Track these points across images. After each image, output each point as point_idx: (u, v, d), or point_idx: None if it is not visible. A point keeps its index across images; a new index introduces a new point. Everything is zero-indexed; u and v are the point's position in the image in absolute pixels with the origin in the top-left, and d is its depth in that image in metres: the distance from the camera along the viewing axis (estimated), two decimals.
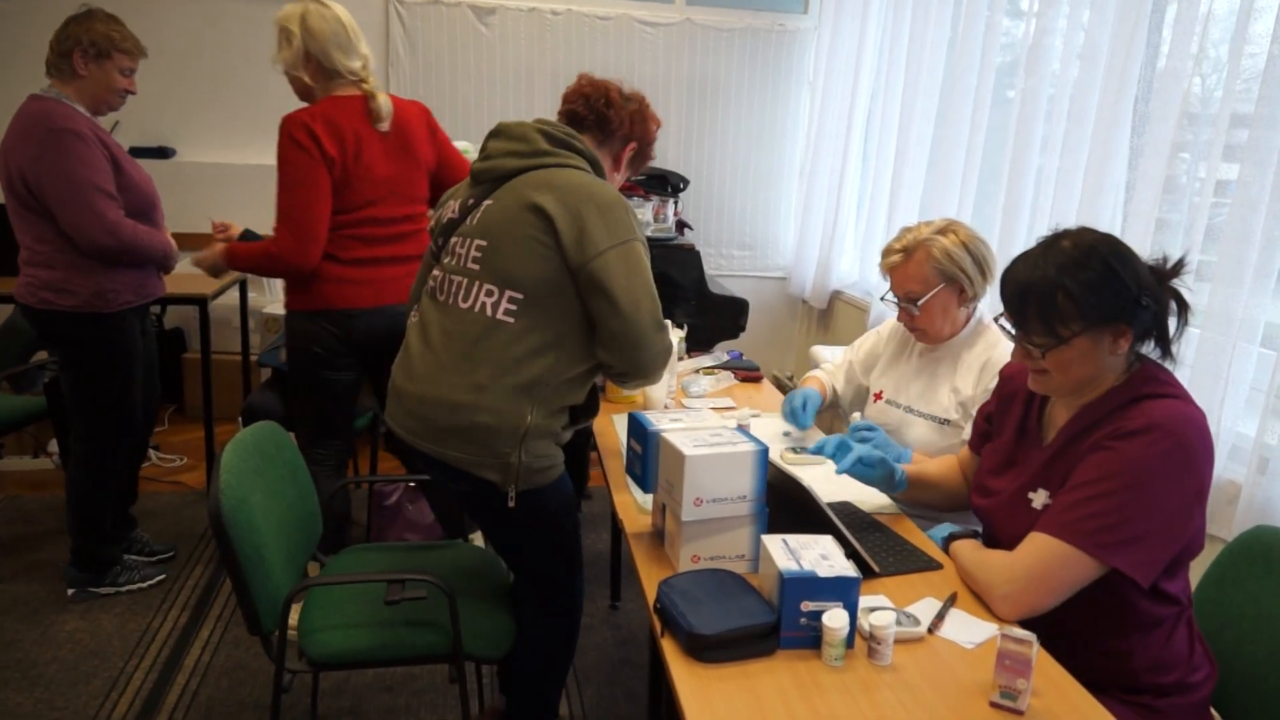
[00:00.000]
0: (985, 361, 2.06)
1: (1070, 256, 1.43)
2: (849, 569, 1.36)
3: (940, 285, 2.04)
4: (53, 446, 3.88)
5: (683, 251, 4.16)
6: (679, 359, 2.80)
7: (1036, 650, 1.22)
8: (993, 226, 3.18)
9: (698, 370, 2.87)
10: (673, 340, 2.51)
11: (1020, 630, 1.23)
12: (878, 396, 2.27)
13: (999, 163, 3.28)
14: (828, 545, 1.43)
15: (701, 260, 4.19)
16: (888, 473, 1.82)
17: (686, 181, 4.70)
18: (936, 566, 1.64)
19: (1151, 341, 1.48)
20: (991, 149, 3.37)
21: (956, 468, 1.90)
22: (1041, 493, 1.54)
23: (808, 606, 1.34)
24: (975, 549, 1.60)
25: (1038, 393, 1.59)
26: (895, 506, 1.93)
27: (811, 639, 1.35)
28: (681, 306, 4.12)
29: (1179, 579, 1.48)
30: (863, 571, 1.45)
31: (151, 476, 3.84)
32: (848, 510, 1.88)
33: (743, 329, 4.25)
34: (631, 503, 1.89)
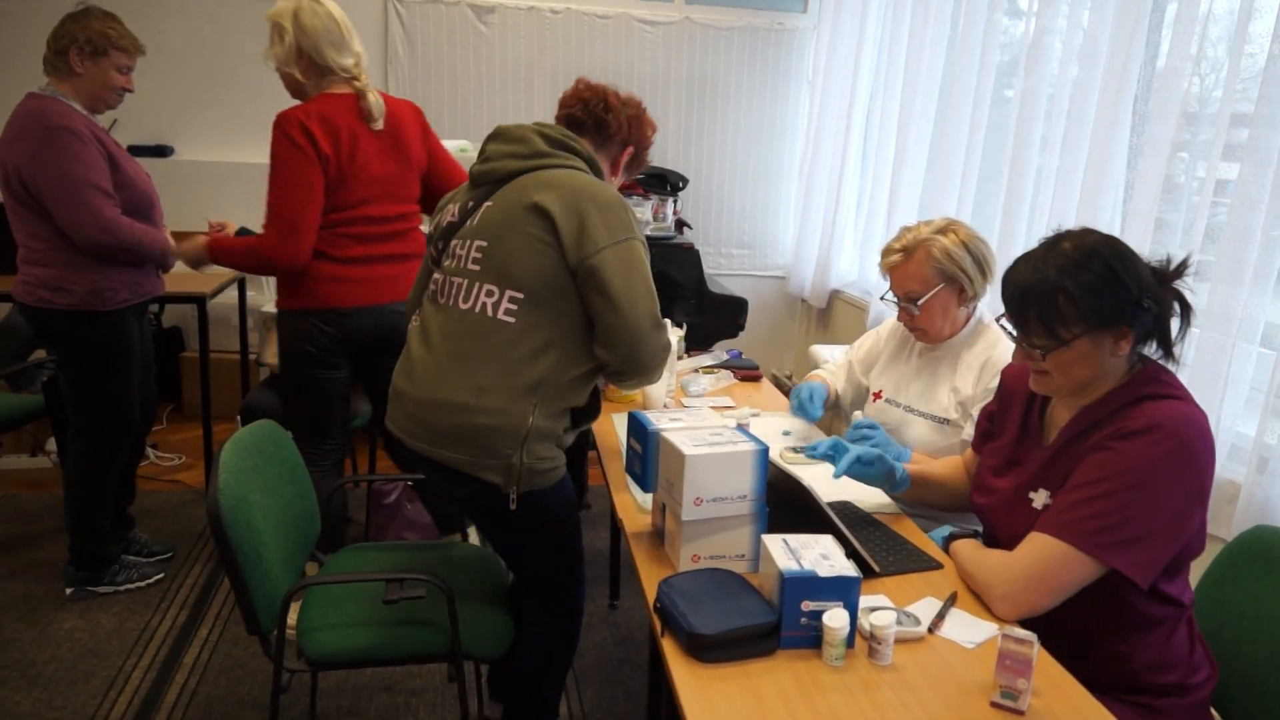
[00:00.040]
0: (985, 361, 2.06)
1: (1071, 258, 1.43)
2: (849, 569, 1.36)
3: (940, 285, 2.04)
4: (51, 445, 3.87)
5: (682, 250, 4.16)
6: (678, 358, 2.80)
7: (1037, 650, 1.22)
8: (992, 226, 3.18)
9: (697, 369, 2.87)
10: (672, 339, 2.51)
11: (1021, 630, 1.23)
12: (877, 396, 2.27)
13: (998, 162, 3.28)
14: (828, 545, 1.43)
15: (700, 259, 4.18)
16: (887, 470, 1.81)
17: (686, 180, 4.70)
18: (937, 566, 1.64)
19: (1153, 343, 1.48)
20: (991, 148, 3.37)
21: (961, 468, 1.90)
22: (1042, 492, 1.54)
23: (808, 606, 1.34)
24: (975, 548, 1.60)
25: (1039, 393, 1.59)
26: (895, 506, 1.92)
27: (812, 639, 1.35)
28: (680, 305, 4.12)
29: (1179, 580, 1.48)
30: (863, 571, 1.45)
31: (150, 475, 3.84)
32: (848, 509, 1.88)
33: (742, 328, 4.25)
34: (631, 502, 1.89)
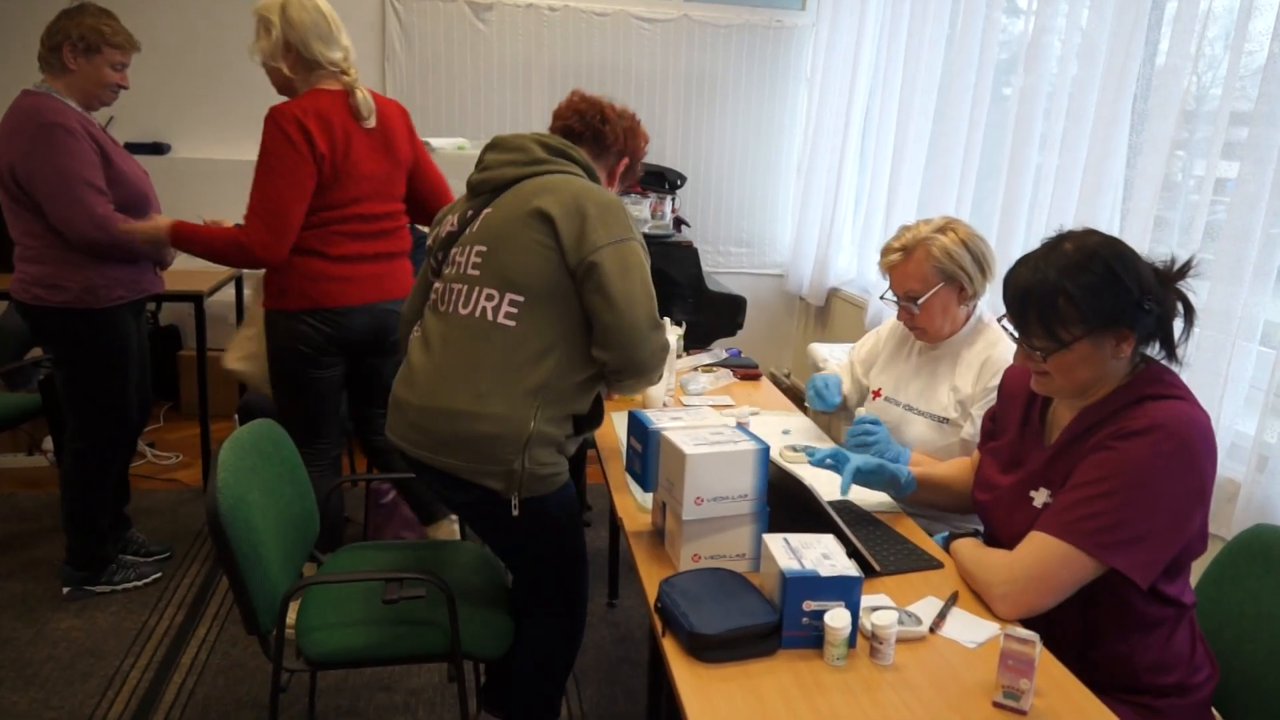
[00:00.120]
0: (985, 360, 2.06)
1: (1072, 260, 1.42)
2: (851, 568, 1.35)
3: (940, 284, 2.04)
4: (48, 444, 3.86)
5: (680, 248, 4.15)
6: (677, 356, 2.80)
7: (1039, 650, 1.22)
8: (991, 224, 3.18)
9: (696, 368, 2.86)
10: (671, 338, 2.51)
11: (1023, 630, 1.23)
12: (876, 394, 2.27)
13: (998, 160, 3.28)
14: (829, 544, 1.42)
15: (699, 257, 4.18)
16: (889, 476, 1.82)
17: (684, 178, 4.70)
18: (937, 565, 1.64)
19: (1156, 344, 1.48)
20: (990, 147, 3.37)
21: (968, 469, 1.89)
22: (1043, 491, 1.53)
23: (809, 606, 1.33)
24: (975, 547, 1.60)
25: (1040, 394, 1.58)
26: (895, 505, 1.92)
27: (813, 638, 1.35)
28: (679, 304, 4.11)
29: (1180, 580, 1.48)
30: (864, 570, 1.45)
31: (147, 474, 3.83)
32: (848, 508, 1.87)
33: (740, 326, 4.24)
34: (631, 502, 1.89)
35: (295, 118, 2.38)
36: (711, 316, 4.18)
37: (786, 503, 1.67)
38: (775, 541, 1.42)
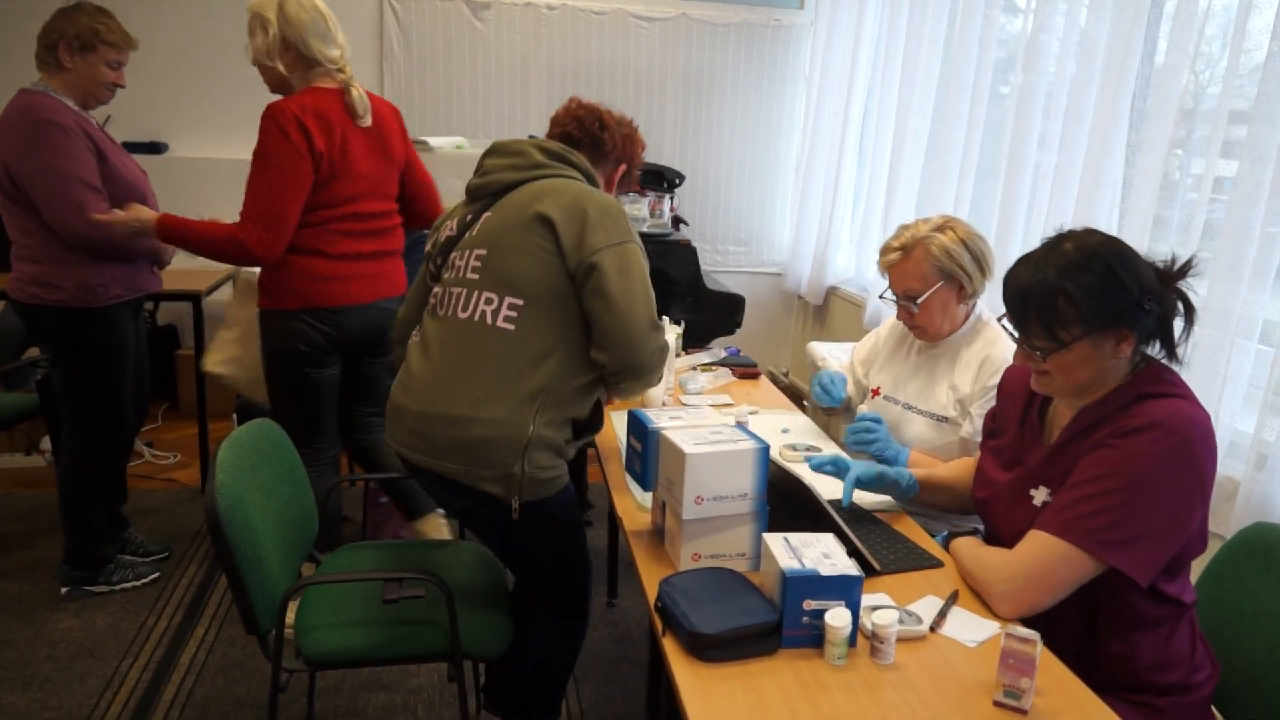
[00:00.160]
0: (984, 359, 2.05)
1: (1071, 259, 1.42)
2: (851, 567, 1.35)
3: (939, 283, 2.04)
4: (45, 444, 3.86)
5: (678, 247, 4.15)
6: (676, 355, 2.79)
7: (1040, 649, 1.22)
8: (990, 223, 3.18)
9: (695, 367, 2.86)
10: (669, 337, 2.50)
11: (1024, 629, 1.23)
12: (875, 392, 2.27)
13: (996, 159, 3.28)
14: (829, 543, 1.42)
15: (697, 256, 4.18)
16: (890, 483, 1.82)
17: (682, 177, 4.69)
18: (937, 564, 1.64)
19: (1156, 343, 1.47)
20: (989, 145, 3.37)
21: (971, 470, 1.88)
22: (1042, 489, 1.53)
23: (810, 605, 1.33)
24: (975, 546, 1.60)
25: (1040, 393, 1.58)
26: (895, 504, 1.92)
27: (814, 638, 1.34)
28: (677, 303, 4.11)
29: (1180, 579, 1.47)
30: (864, 569, 1.45)
31: (145, 474, 3.82)
32: (848, 507, 1.87)
33: (739, 325, 4.24)
34: (631, 502, 1.88)
35: (294, 115, 2.37)
36: (710, 315, 4.18)
37: (786, 502, 1.66)
38: (775, 541, 1.42)
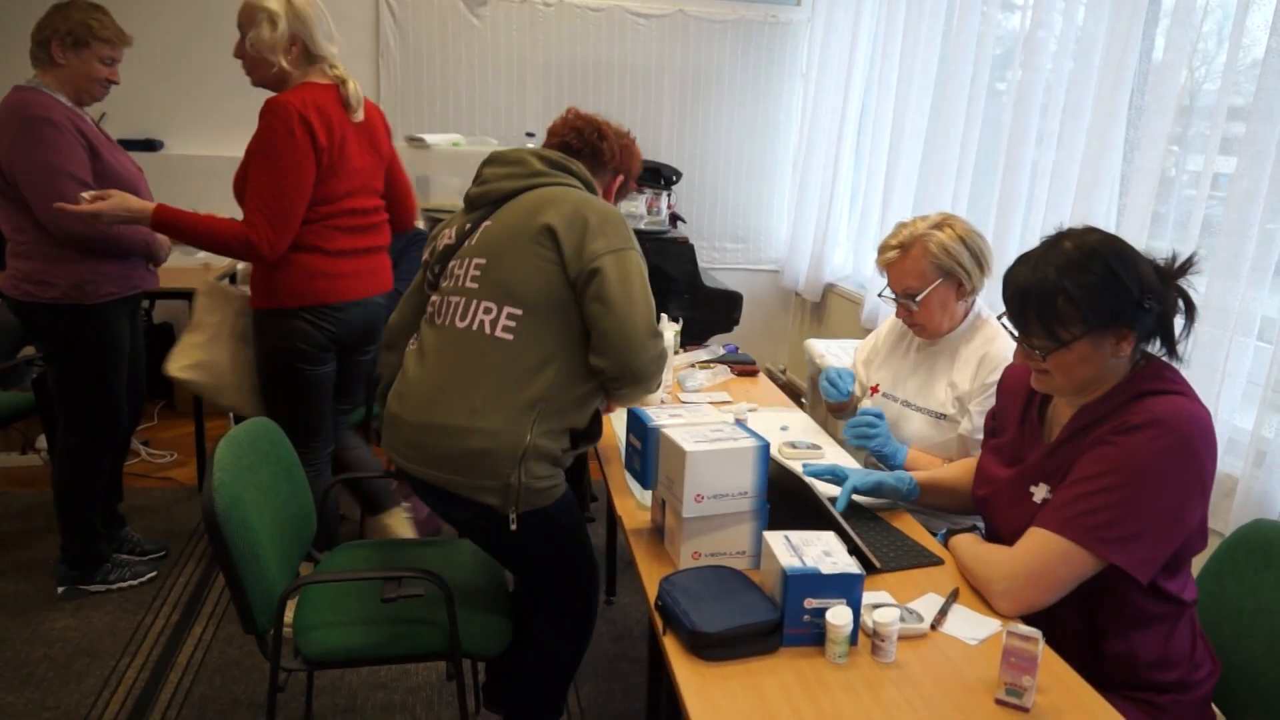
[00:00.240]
0: (983, 356, 2.05)
1: (1071, 259, 1.42)
2: (852, 565, 1.35)
3: (938, 280, 2.03)
4: (41, 442, 3.84)
5: (676, 244, 4.15)
6: (674, 353, 2.79)
7: (1042, 647, 1.22)
8: (988, 220, 3.18)
9: (694, 364, 2.86)
10: (668, 335, 2.50)
11: (1025, 627, 1.23)
12: (874, 389, 2.27)
13: (994, 156, 3.28)
14: (830, 541, 1.42)
15: (695, 253, 4.17)
16: (889, 490, 1.82)
17: (679, 174, 4.69)
18: (938, 562, 1.64)
19: (1157, 341, 1.47)
20: (986, 142, 3.37)
21: (972, 471, 1.88)
22: (1043, 486, 1.53)
23: (811, 604, 1.33)
24: (974, 544, 1.60)
25: (1040, 392, 1.58)
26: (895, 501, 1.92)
27: (815, 636, 1.34)
28: (675, 300, 4.11)
29: (1180, 577, 1.47)
30: (864, 567, 1.45)
31: (141, 473, 3.81)
32: (847, 505, 1.87)
33: (736, 322, 4.24)
34: (630, 500, 1.88)
35: (297, 111, 2.35)
36: (707, 312, 4.18)
37: (786, 500, 1.66)
38: (776, 539, 1.42)
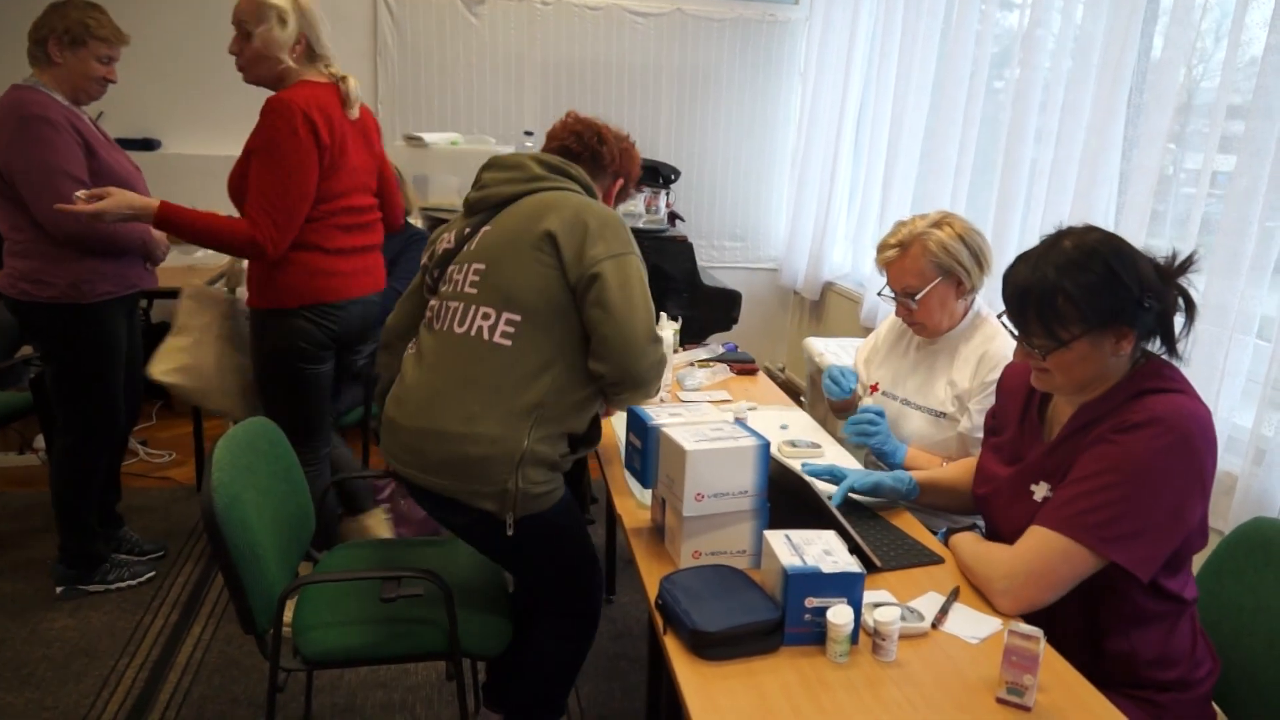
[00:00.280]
0: (982, 354, 2.05)
1: (1070, 258, 1.42)
2: (853, 564, 1.35)
3: (938, 279, 2.03)
4: (39, 442, 3.83)
5: (675, 243, 4.15)
6: (674, 351, 2.79)
7: (1043, 646, 1.22)
8: (986, 218, 3.18)
9: (693, 363, 2.85)
10: (667, 333, 2.50)
11: (1027, 626, 1.23)
12: (874, 388, 2.27)
13: (992, 154, 3.28)
14: (830, 540, 1.42)
15: (694, 252, 4.17)
16: (888, 490, 1.82)
17: (678, 173, 4.68)
18: (938, 560, 1.63)
19: (1157, 339, 1.47)
20: (985, 140, 3.36)
21: (973, 471, 1.88)
22: (1043, 485, 1.53)
23: (812, 603, 1.33)
24: (974, 542, 1.60)
25: (1041, 390, 1.58)
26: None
27: (816, 635, 1.34)
28: (674, 299, 4.11)
29: (1181, 575, 1.47)
30: (864, 566, 1.44)
31: (140, 472, 3.80)
32: (847, 503, 1.87)
33: (735, 321, 4.24)
34: (630, 500, 1.88)
35: (300, 110, 2.35)
36: (706, 311, 4.18)
37: (786, 498, 1.66)
38: (776, 538, 1.41)
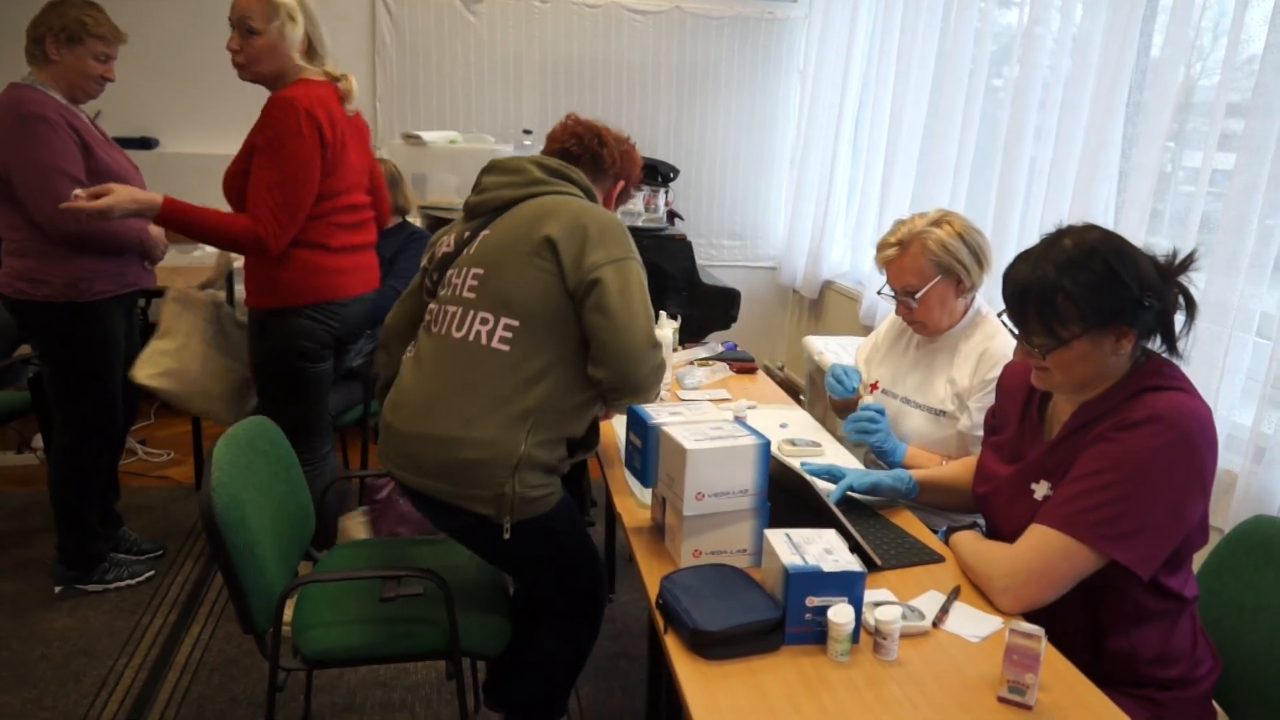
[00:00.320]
0: (982, 352, 2.05)
1: (1070, 257, 1.41)
2: (854, 563, 1.35)
3: (937, 277, 2.03)
4: (37, 441, 3.83)
5: (674, 242, 4.14)
6: (673, 350, 2.79)
7: (1045, 645, 1.22)
8: (986, 217, 3.17)
9: (692, 362, 2.85)
10: (667, 331, 2.50)
11: (1028, 625, 1.23)
12: (874, 386, 2.26)
13: (992, 153, 3.27)
14: (831, 539, 1.42)
15: (693, 250, 4.17)
16: (887, 490, 1.82)
17: (677, 171, 4.68)
18: (939, 559, 1.63)
19: (1157, 337, 1.47)
20: (984, 139, 3.36)
21: (973, 469, 1.88)
22: (1043, 483, 1.53)
23: (813, 602, 1.33)
24: (975, 541, 1.60)
25: (1041, 389, 1.58)
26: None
27: (817, 634, 1.34)
28: (673, 297, 4.10)
29: (1181, 573, 1.47)
30: (865, 565, 1.44)
31: (138, 471, 3.80)
32: (847, 502, 1.87)
33: (734, 319, 4.24)
34: (630, 499, 1.87)
35: (304, 108, 2.35)
36: (705, 310, 4.18)
37: (787, 497, 1.66)
38: (777, 537, 1.41)
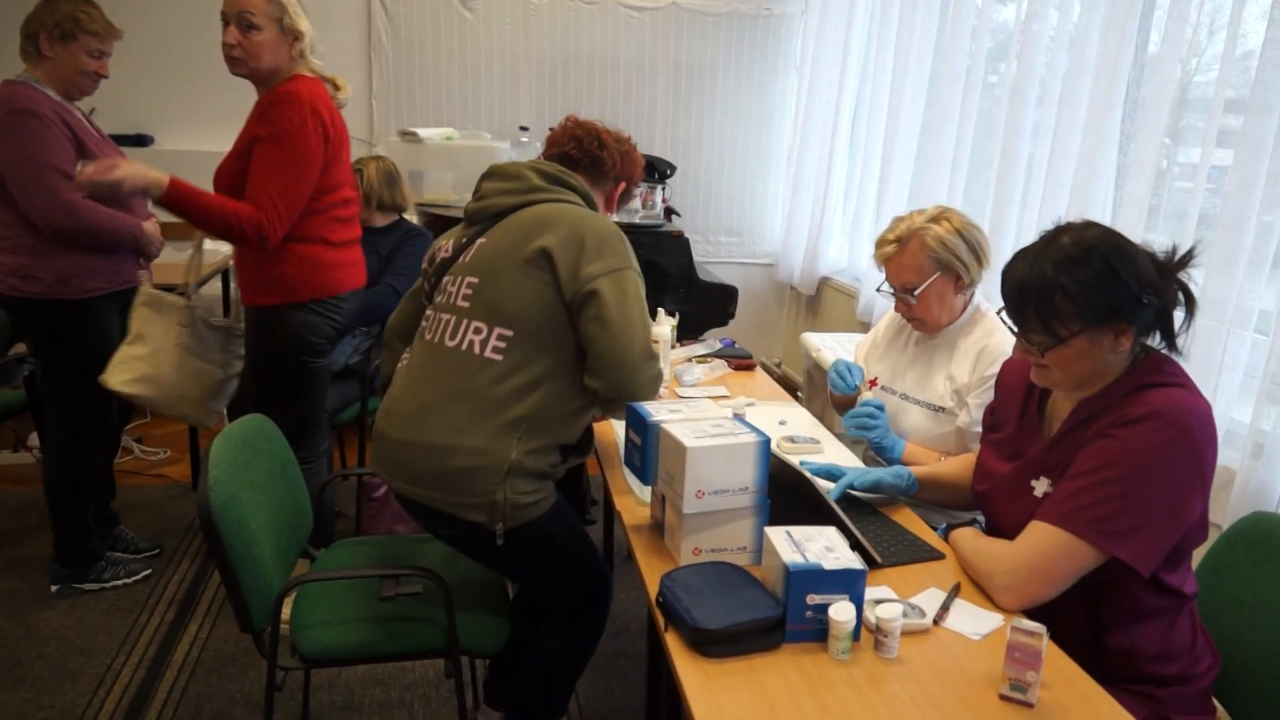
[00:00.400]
0: (981, 349, 2.05)
1: (1069, 254, 1.41)
2: (854, 561, 1.34)
3: (936, 274, 2.03)
4: (33, 440, 3.81)
5: (671, 238, 4.14)
6: (671, 347, 2.78)
7: (1046, 642, 1.21)
8: (984, 213, 3.17)
9: (690, 359, 2.85)
10: (665, 329, 2.49)
11: (1030, 622, 1.22)
12: (873, 383, 2.26)
13: (989, 149, 3.27)
14: (832, 537, 1.41)
15: (690, 247, 4.16)
16: (888, 487, 1.82)
17: (674, 168, 4.67)
18: (939, 556, 1.63)
19: (1157, 334, 1.47)
20: (982, 135, 3.36)
21: (972, 466, 1.88)
22: (1043, 480, 1.53)
23: (813, 599, 1.32)
24: (975, 538, 1.59)
25: (1040, 386, 1.58)
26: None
27: (817, 632, 1.34)
28: (670, 294, 4.10)
29: (1181, 570, 1.47)
30: (865, 562, 1.44)
31: (134, 470, 3.79)
32: (847, 500, 1.86)
33: (732, 316, 4.23)
34: (630, 497, 1.87)
35: (309, 103, 2.36)
36: (703, 306, 4.17)
37: (787, 495, 1.66)
38: (777, 535, 1.41)
